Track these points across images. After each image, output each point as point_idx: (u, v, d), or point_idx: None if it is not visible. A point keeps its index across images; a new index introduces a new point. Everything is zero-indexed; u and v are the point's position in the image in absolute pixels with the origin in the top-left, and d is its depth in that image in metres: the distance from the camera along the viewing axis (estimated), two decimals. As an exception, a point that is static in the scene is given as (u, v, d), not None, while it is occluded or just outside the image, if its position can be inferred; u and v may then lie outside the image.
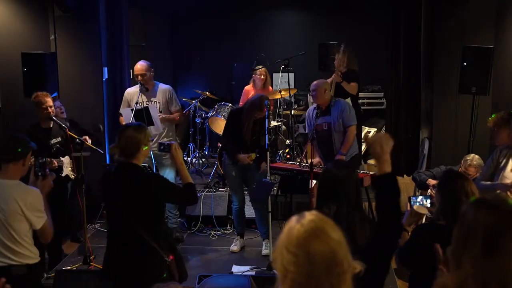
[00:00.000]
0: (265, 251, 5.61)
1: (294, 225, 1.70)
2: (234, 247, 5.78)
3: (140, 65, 5.82)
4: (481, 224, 1.68)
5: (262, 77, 7.48)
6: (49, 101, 5.18)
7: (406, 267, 3.18)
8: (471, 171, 4.89)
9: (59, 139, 5.28)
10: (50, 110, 5.18)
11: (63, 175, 5.26)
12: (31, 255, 3.41)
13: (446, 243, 1.83)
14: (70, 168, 5.33)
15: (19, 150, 3.47)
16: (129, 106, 5.80)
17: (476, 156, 5.03)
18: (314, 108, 5.87)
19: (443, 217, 2.93)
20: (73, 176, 5.34)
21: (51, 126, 5.29)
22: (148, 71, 5.83)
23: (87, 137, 5.36)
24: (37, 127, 5.25)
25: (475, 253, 1.67)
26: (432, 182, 5.19)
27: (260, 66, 7.61)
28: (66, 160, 5.29)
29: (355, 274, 1.69)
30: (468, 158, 4.99)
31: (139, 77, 5.79)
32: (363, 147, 7.00)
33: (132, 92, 5.87)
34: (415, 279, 3.05)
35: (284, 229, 1.73)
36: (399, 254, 3.03)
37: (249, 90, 7.51)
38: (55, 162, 5.15)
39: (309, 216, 1.71)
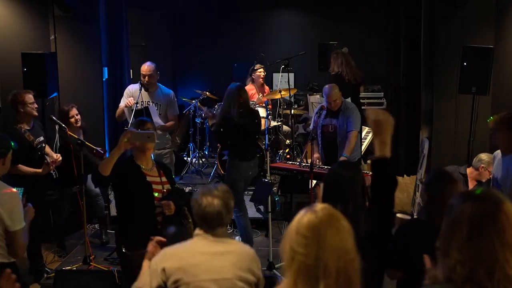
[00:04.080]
0: None
1: (305, 213, 1.78)
2: None
3: (148, 66, 5.81)
4: (466, 214, 1.73)
5: (263, 75, 7.58)
6: (32, 97, 5.14)
7: (396, 269, 3.15)
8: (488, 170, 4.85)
9: (42, 138, 5.19)
10: (34, 105, 5.14)
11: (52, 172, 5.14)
12: (5, 254, 3.29)
13: (428, 237, 1.86)
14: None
15: (4, 149, 3.39)
16: (128, 101, 5.79)
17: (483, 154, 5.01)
18: (320, 108, 5.88)
19: (427, 216, 2.93)
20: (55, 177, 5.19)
21: (32, 126, 5.18)
22: (155, 73, 5.86)
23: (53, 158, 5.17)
24: (17, 129, 5.01)
25: (462, 241, 1.71)
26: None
27: (260, 66, 7.66)
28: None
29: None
30: (486, 159, 4.92)
31: (146, 78, 5.78)
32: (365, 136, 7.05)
33: (134, 90, 5.87)
34: (405, 279, 3.03)
35: (294, 219, 1.79)
36: (386, 258, 3.01)
37: (249, 89, 7.58)
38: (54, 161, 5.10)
39: (321, 205, 1.80)
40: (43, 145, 5.15)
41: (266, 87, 7.89)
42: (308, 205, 1.82)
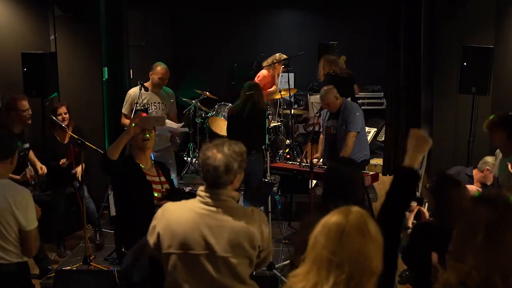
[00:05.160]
0: None
1: (338, 211, 1.78)
2: None
3: (165, 69, 5.80)
4: (482, 218, 1.72)
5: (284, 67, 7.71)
6: (27, 104, 5.11)
7: (409, 269, 3.17)
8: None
9: (27, 145, 5.16)
10: (28, 112, 5.12)
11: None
12: (19, 253, 3.37)
13: (440, 245, 1.86)
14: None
15: (12, 147, 3.44)
16: (133, 106, 5.76)
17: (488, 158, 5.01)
18: (320, 109, 5.96)
19: (438, 221, 2.93)
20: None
21: (21, 132, 5.14)
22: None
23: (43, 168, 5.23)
24: (6, 132, 4.92)
25: (478, 246, 1.71)
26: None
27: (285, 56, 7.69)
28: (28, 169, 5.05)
29: None
30: (491, 161, 4.93)
31: (163, 81, 5.79)
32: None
33: (135, 93, 5.83)
34: (418, 281, 3.04)
35: (328, 214, 1.81)
36: (402, 256, 3.02)
37: (266, 76, 7.66)
38: (31, 171, 4.97)
39: (356, 207, 1.80)
40: (26, 152, 5.13)
41: (277, 81, 7.94)
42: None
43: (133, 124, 3.56)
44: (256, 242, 2.54)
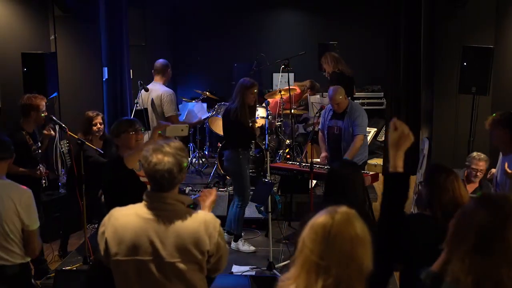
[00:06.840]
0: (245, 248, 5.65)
1: (326, 212, 1.75)
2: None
3: None
4: (476, 223, 1.69)
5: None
6: (44, 104, 5.03)
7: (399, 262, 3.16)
8: (481, 165, 4.90)
9: (39, 144, 5.11)
10: (45, 113, 5.06)
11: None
12: (22, 254, 3.38)
13: (432, 233, 1.84)
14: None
15: (10, 149, 3.46)
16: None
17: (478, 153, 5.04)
18: (331, 109, 5.92)
19: (429, 209, 2.94)
20: (44, 186, 5.13)
21: (33, 132, 5.06)
22: None
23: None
24: (21, 132, 4.90)
25: (466, 251, 1.68)
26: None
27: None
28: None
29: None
30: (474, 155, 4.99)
31: None
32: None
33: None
34: (406, 272, 3.03)
35: (316, 215, 1.78)
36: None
37: (297, 93, 8.06)
38: (46, 171, 5.00)
39: (343, 208, 1.76)
40: (38, 151, 5.12)
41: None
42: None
43: (159, 132, 3.55)
44: (204, 246, 2.46)
